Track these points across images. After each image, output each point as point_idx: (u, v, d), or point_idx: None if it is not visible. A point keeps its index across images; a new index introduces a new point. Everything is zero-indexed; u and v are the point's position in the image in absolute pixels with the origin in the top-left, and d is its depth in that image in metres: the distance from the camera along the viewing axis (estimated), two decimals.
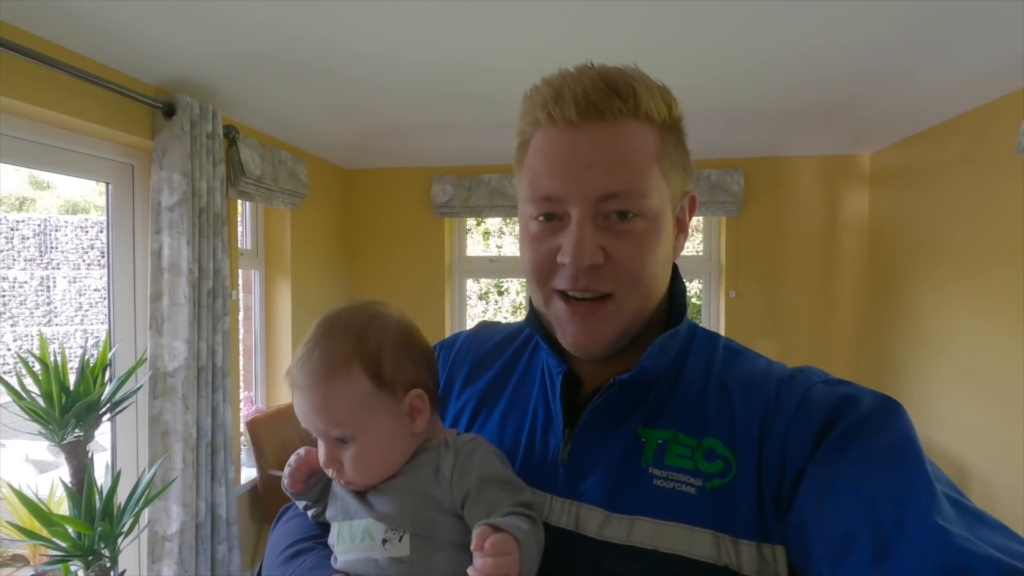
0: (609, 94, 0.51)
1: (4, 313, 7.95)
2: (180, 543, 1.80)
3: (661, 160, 0.53)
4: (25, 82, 1.46)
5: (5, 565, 2.40)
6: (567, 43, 1.77)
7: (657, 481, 0.52)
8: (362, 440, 0.58)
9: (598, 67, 0.53)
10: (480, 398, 0.68)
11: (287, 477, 0.65)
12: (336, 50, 1.78)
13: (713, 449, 0.52)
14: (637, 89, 0.51)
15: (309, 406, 0.58)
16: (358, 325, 0.60)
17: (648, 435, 0.55)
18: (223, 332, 1.97)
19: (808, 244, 2.97)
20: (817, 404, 0.50)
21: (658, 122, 0.53)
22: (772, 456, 0.50)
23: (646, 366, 0.55)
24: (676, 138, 0.55)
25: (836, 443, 0.47)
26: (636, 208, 0.51)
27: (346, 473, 0.59)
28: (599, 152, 0.51)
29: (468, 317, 3.47)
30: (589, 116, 0.51)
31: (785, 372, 0.56)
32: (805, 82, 2.07)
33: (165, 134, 1.81)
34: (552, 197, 0.52)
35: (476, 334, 0.75)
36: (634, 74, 0.53)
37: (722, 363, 0.58)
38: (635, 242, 0.52)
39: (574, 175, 0.51)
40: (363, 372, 0.58)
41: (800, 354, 2.98)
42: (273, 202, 2.42)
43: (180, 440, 1.82)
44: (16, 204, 9.74)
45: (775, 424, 0.51)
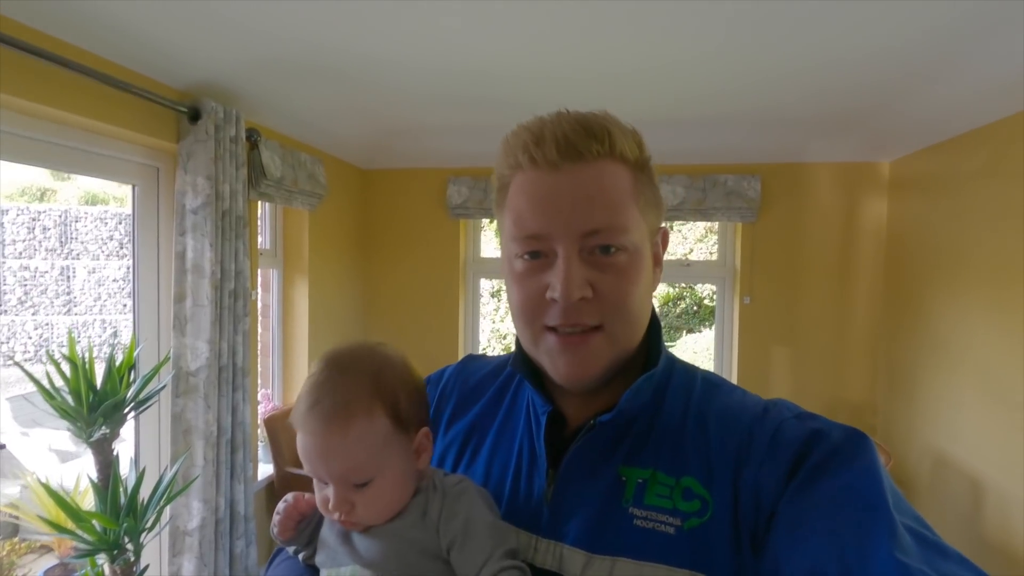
0: (586, 136, 0.53)
1: (26, 302, 8.10)
2: (200, 538, 1.85)
3: (637, 197, 0.56)
4: (54, 87, 1.49)
5: (30, 553, 2.47)
6: (584, 48, 1.78)
7: (637, 521, 0.54)
8: (379, 481, 0.58)
9: (573, 113, 0.56)
10: (466, 435, 0.68)
11: (276, 525, 0.65)
12: (356, 53, 1.80)
13: (691, 488, 0.54)
14: (612, 131, 0.54)
15: (326, 449, 0.57)
16: (372, 367, 0.60)
17: (629, 474, 0.56)
18: (243, 332, 2.00)
19: (825, 251, 2.96)
20: (787, 440, 0.52)
21: (631, 161, 0.56)
22: (747, 496, 0.51)
23: (624, 408, 0.56)
24: (647, 177, 0.58)
25: (805, 480, 0.49)
26: (618, 242, 0.54)
27: (358, 514, 0.58)
28: (581, 190, 0.53)
29: (482, 316, 3.49)
30: (569, 157, 0.53)
31: (759, 407, 0.57)
32: (826, 89, 2.06)
33: (190, 138, 1.84)
34: (538, 235, 0.54)
35: (462, 369, 0.76)
36: (607, 118, 0.56)
37: (700, 396, 0.60)
38: (619, 275, 0.54)
39: (557, 213, 0.53)
40: (384, 414, 0.58)
41: (815, 362, 2.97)
42: (292, 203, 2.46)
43: (201, 438, 1.86)
44: (37, 195, 9.90)
45: (749, 463, 0.52)
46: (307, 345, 2.76)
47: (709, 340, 6.51)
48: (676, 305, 7.00)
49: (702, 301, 7.06)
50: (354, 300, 3.24)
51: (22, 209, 8.08)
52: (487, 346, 6.60)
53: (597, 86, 2.08)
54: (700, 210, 2.92)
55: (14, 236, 7.92)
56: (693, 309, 7.13)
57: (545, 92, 2.15)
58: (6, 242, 7.87)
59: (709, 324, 6.99)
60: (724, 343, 3.17)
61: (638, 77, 2.00)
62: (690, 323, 7.08)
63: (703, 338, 6.73)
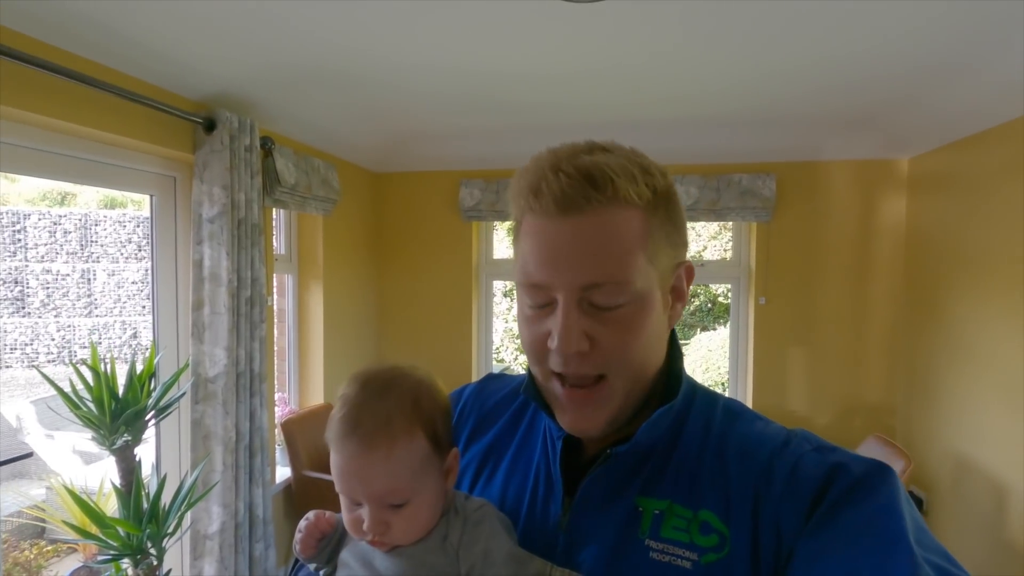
0: (586, 187, 0.51)
1: (49, 304, 8.27)
2: (220, 542, 1.88)
3: (645, 243, 0.53)
4: (74, 103, 1.52)
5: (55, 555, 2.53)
6: (595, 51, 1.77)
7: (653, 554, 0.53)
8: (415, 502, 0.58)
9: (579, 158, 0.53)
10: (484, 456, 0.69)
11: (298, 543, 0.65)
12: (366, 60, 1.81)
13: (708, 522, 0.53)
14: (615, 181, 0.51)
15: (365, 469, 0.57)
16: (409, 389, 0.61)
17: (646, 504, 0.56)
18: (260, 339, 2.03)
19: (842, 251, 2.92)
20: (807, 474, 0.51)
21: (640, 205, 0.53)
22: (767, 533, 0.51)
23: (640, 440, 0.56)
24: (664, 214, 0.55)
25: (825, 515, 0.49)
26: (619, 298, 0.52)
27: (392, 535, 0.58)
28: (580, 243, 0.52)
29: (495, 316, 3.50)
30: (567, 211, 0.51)
31: (778, 439, 0.56)
32: (843, 87, 2.03)
33: (206, 148, 1.87)
34: (539, 285, 0.54)
35: (481, 389, 0.76)
36: (614, 162, 0.52)
37: (720, 426, 0.58)
38: (621, 327, 0.53)
39: (556, 265, 0.52)
40: (424, 436, 0.59)
41: (832, 363, 2.93)
42: (306, 208, 2.48)
43: (220, 443, 1.89)
44: (58, 199, 10.09)
45: (768, 498, 0.52)
46: (322, 348, 2.79)
47: (723, 338, 6.45)
48: (690, 303, 6.95)
49: (716, 299, 7.01)
50: (368, 303, 3.27)
51: (44, 213, 8.24)
52: (500, 345, 6.61)
53: (609, 88, 2.07)
54: (714, 210, 2.89)
55: (36, 240, 8.08)
56: (707, 307, 7.08)
57: (556, 94, 2.14)
58: (29, 246, 8.04)
59: (724, 322, 6.93)
60: (739, 343, 3.14)
61: (651, 78, 1.99)
62: (704, 321, 7.03)
63: (718, 336, 6.68)
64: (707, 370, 6.02)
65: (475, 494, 0.66)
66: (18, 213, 8.07)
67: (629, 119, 2.40)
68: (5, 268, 7.81)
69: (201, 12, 1.46)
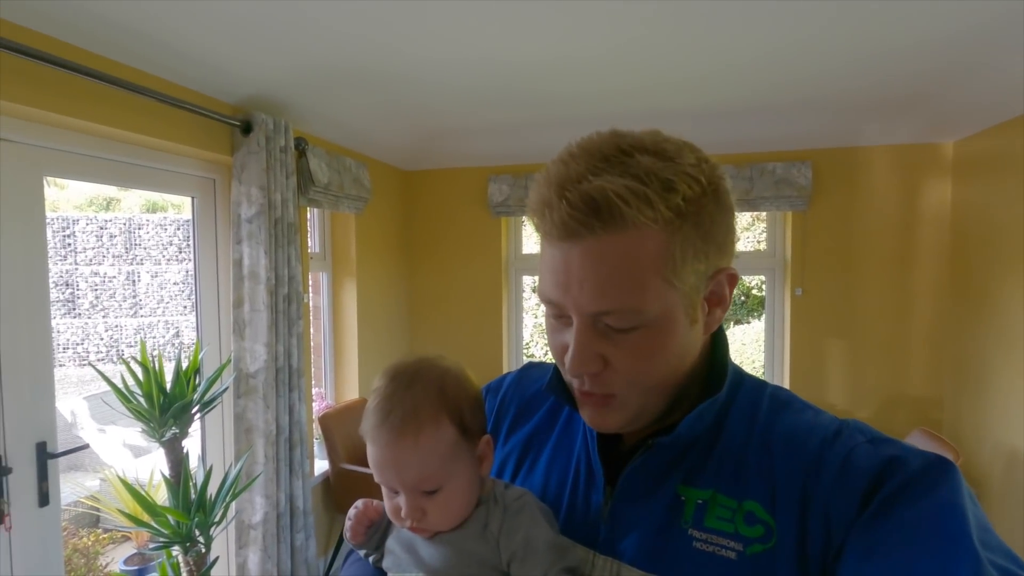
0: (589, 217, 0.47)
1: (97, 305, 8.63)
2: (264, 532, 1.94)
3: (662, 265, 0.49)
4: (121, 110, 1.58)
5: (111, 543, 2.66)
6: (624, 45, 1.75)
7: (697, 544, 0.52)
8: (448, 488, 0.60)
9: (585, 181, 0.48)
10: (525, 445, 0.69)
11: (348, 531, 0.68)
12: (396, 55, 1.83)
13: (753, 512, 0.51)
14: (623, 209, 0.47)
15: (397, 459, 0.59)
16: (435, 378, 0.62)
17: (688, 493, 0.55)
18: (297, 335, 2.08)
19: (883, 239, 2.82)
20: (861, 468, 0.49)
21: (657, 227, 0.48)
22: (816, 525, 0.49)
23: (684, 432, 0.55)
24: (693, 227, 0.50)
25: (879, 509, 0.46)
26: (632, 323, 0.50)
27: (429, 521, 0.60)
28: (586, 271, 0.49)
29: (524, 311, 3.51)
30: (570, 238, 0.49)
31: (830, 429, 0.53)
32: (883, 70, 1.96)
33: (243, 150, 1.92)
34: (554, 303, 0.53)
35: (521, 377, 0.76)
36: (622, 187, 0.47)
37: (766, 416, 0.56)
38: (634, 351, 0.51)
39: (567, 290, 0.51)
40: (451, 423, 0.60)
41: (873, 355, 2.84)
42: (339, 207, 2.53)
43: (262, 436, 1.95)
44: (104, 204, 10.51)
45: (817, 490, 0.50)
46: (356, 344, 2.84)
47: (757, 331, 6.32)
48: None
49: (750, 291, 6.86)
50: (400, 299, 3.32)
51: (91, 218, 8.61)
52: (530, 340, 6.62)
53: (637, 76, 2.05)
54: (747, 200, 2.83)
55: (85, 244, 8.45)
56: (741, 299, 6.94)
57: (583, 84, 2.13)
58: (78, 250, 8.41)
59: (758, 315, 6.79)
60: (775, 336, 3.08)
61: (681, 64, 1.96)
62: (737, 314, 6.89)
63: (752, 329, 6.54)
64: (741, 364, 5.90)
65: (517, 483, 0.67)
66: (67, 219, 8.46)
67: (657, 108, 2.36)
68: (57, 271, 8.20)
69: (237, 18, 1.51)
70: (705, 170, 0.50)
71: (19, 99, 1.33)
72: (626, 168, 0.48)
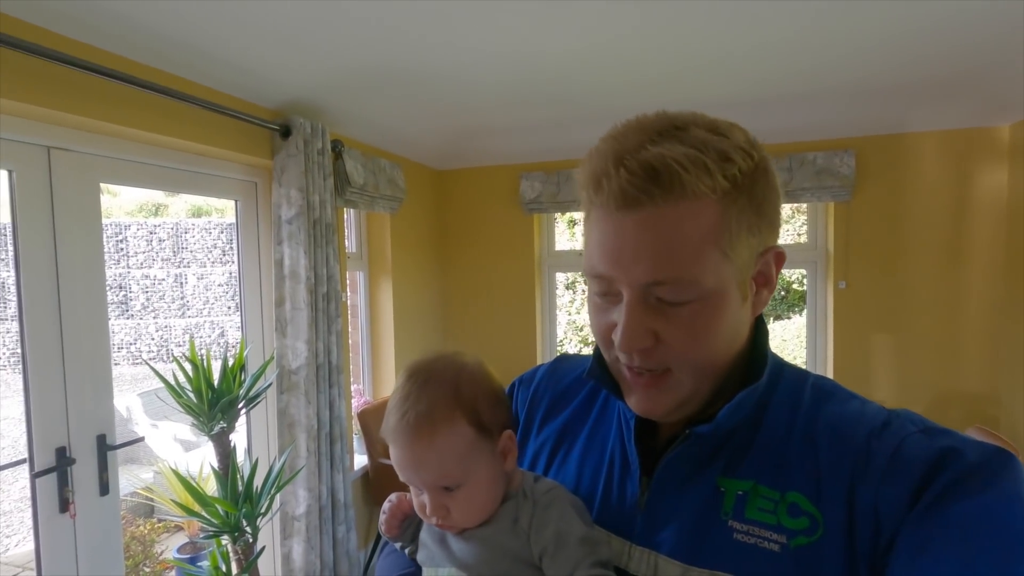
0: (648, 184, 0.47)
1: (148, 307, 9.03)
2: (307, 523, 2.00)
3: (719, 237, 0.49)
4: (167, 117, 1.66)
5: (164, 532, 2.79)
6: (657, 37, 1.73)
7: (738, 535, 0.51)
8: (469, 485, 0.60)
9: (643, 151, 0.48)
10: (559, 436, 0.68)
11: (383, 524, 0.69)
12: (428, 56, 1.85)
13: (797, 504, 0.50)
14: (683, 176, 0.47)
15: (415, 459, 0.60)
16: (450, 376, 0.62)
17: (728, 485, 0.53)
18: (336, 332, 2.14)
19: (932, 229, 2.70)
20: (913, 459, 0.47)
21: (715, 196, 0.48)
22: (864, 518, 0.47)
23: (723, 422, 0.53)
24: (746, 200, 0.50)
25: (934, 503, 0.44)
26: (687, 294, 0.49)
27: (453, 518, 0.61)
28: (643, 240, 0.48)
29: (557, 308, 3.50)
30: (629, 207, 0.48)
31: (878, 419, 0.51)
32: (931, 52, 1.87)
33: (283, 153, 1.98)
34: (604, 277, 0.52)
35: (554, 369, 0.75)
36: (682, 154, 0.47)
37: (809, 406, 0.55)
38: (687, 326, 0.50)
39: (619, 261, 0.50)
40: (466, 422, 0.60)
41: (923, 350, 2.73)
42: (374, 207, 2.58)
43: (304, 431, 2.01)
44: (153, 210, 10.98)
45: (866, 481, 0.48)
46: (393, 342, 2.90)
47: (798, 327, 6.14)
48: None
49: (790, 286, 6.67)
50: (435, 297, 3.36)
51: (141, 224, 9.01)
52: (563, 338, 6.60)
53: (671, 70, 2.02)
54: (787, 192, 2.75)
55: (136, 248, 8.86)
56: (780, 295, 6.75)
57: (615, 80, 2.11)
58: (130, 254, 8.82)
59: (799, 310, 6.59)
60: (817, 331, 2.98)
61: (716, 62, 1.92)
62: (777, 309, 6.71)
63: (792, 325, 6.36)
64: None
65: (550, 475, 0.67)
66: (120, 224, 8.88)
67: (692, 98, 2.32)
68: (111, 275, 8.62)
69: (275, 25, 1.55)
70: (756, 147, 0.52)
71: (76, 111, 1.41)
72: (682, 140, 0.49)
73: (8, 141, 1.38)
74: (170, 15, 1.42)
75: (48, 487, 1.46)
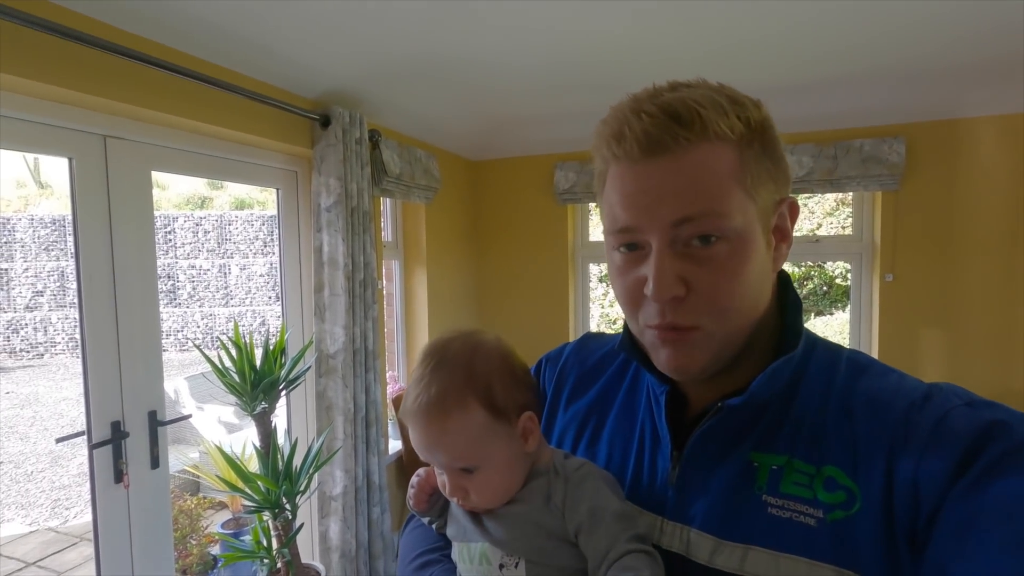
0: (671, 125, 0.48)
1: (194, 296, 9.39)
2: (343, 503, 2.06)
3: (742, 177, 0.50)
4: (214, 107, 1.71)
5: (209, 508, 2.91)
6: (691, 22, 1.69)
7: (772, 509, 0.50)
8: (485, 468, 0.60)
9: (661, 96, 0.51)
10: (586, 413, 0.68)
11: (411, 498, 0.69)
12: (463, 51, 1.86)
13: (834, 478, 0.49)
14: (703, 114, 0.49)
15: (430, 442, 0.60)
16: (464, 359, 0.62)
17: (761, 460, 0.53)
18: (372, 319, 2.18)
19: (988, 218, 2.57)
20: (958, 430, 0.45)
21: (733, 139, 0.50)
22: (903, 490, 0.46)
23: (756, 393, 0.52)
24: (760, 147, 0.51)
25: (981, 475, 0.42)
26: (716, 230, 0.49)
27: (472, 500, 0.61)
28: (669, 183, 0.49)
29: (591, 300, 3.49)
30: (653, 152, 0.49)
31: (918, 391, 0.50)
32: (988, 31, 1.78)
33: (322, 143, 2.03)
34: (630, 228, 0.51)
35: (581, 347, 0.75)
36: (700, 96, 0.50)
37: (844, 380, 0.54)
38: (719, 269, 0.50)
39: (646, 205, 0.50)
40: (479, 405, 0.60)
41: (975, 346, 2.61)
42: (410, 197, 2.61)
43: (341, 414, 2.06)
44: (199, 203, 11.38)
45: (905, 452, 0.46)
46: (427, 331, 2.94)
47: (841, 322, 5.94)
48: (803, 286, 6.46)
49: (833, 280, 6.46)
50: (468, 287, 3.39)
51: (188, 216, 9.37)
52: (597, 329, 6.56)
53: (711, 56, 1.98)
54: (830, 180, 2.66)
55: (183, 240, 9.22)
56: (823, 290, 6.54)
57: (652, 70, 2.08)
58: (177, 245, 9.18)
59: (841, 305, 6.37)
60: (862, 326, 2.88)
61: (754, 45, 1.86)
62: (819, 305, 6.51)
63: (835, 320, 6.16)
64: None
65: (579, 452, 0.66)
66: (168, 216, 9.25)
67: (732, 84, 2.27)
68: (161, 265, 8.99)
69: (317, 15, 1.59)
70: (759, 104, 0.54)
71: (130, 100, 1.47)
72: (694, 89, 0.52)
73: (68, 130, 1.45)
74: (220, 7, 1.47)
75: (104, 459, 1.54)
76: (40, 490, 4.40)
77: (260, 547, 1.79)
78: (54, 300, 8.66)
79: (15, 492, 4.38)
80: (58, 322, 8.63)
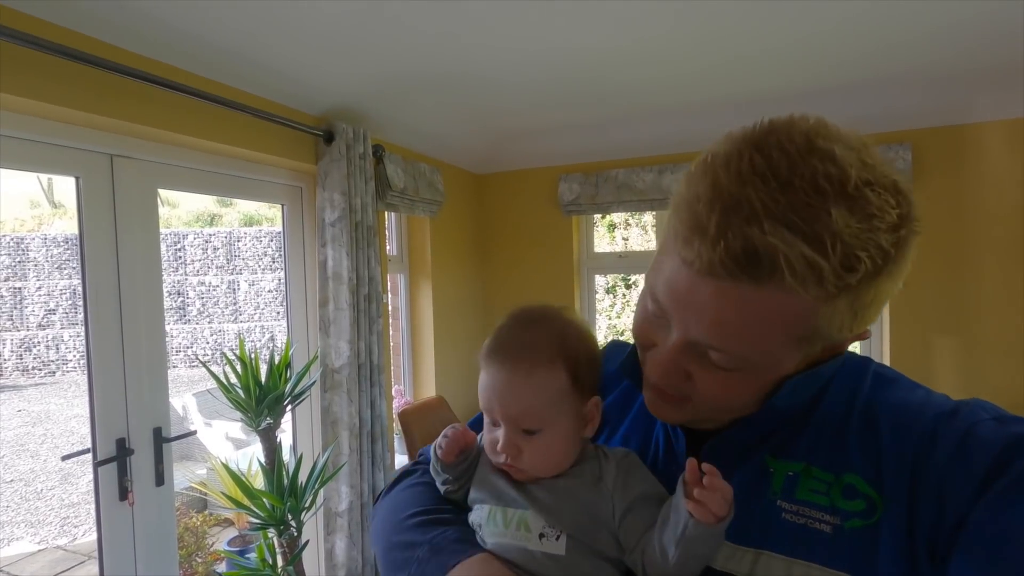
0: (743, 270, 0.42)
1: (204, 312, 9.44)
2: (349, 519, 2.04)
3: (799, 331, 0.45)
4: (220, 125, 1.73)
5: (216, 525, 2.90)
6: (699, 19, 1.69)
7: (786, 515, 0.50)
8: (547, 432, 0.59)
9: (753, 223, 0.41)
10: (604, 417, 0.68)
11: (440, 447, 0.64)
12: (466, 58, 1.88)
13: (854, 486, 0.48)
14: (786, 276, 0.41)
15: (506, 388, 0.59)
16: (559, 325, 0.63)
17: (777, 466, 0.52)
18: (377, 333, 2.18)
19: (998, 225, 2.53)
20: (985, 443, 0.44)
21: (821, 297, 0.42)
22: (927, 500, 0.45)
23: (778, 406, 0.51)
24: (856, 294, 0.43)
25: (1005, 494, 0.41)
26: (734, 365, 0.48)
27: (523, 461, 0.59)
28: (716, 308, 0.45)
29: (597, 312, 3.47)
30: (715, 276, 0.44)
31: (947, 405, 0.49)
32: (997, 34, 1.77)
33: (326, 159, 2.05)
34: (663, 310, 0.50)
35: (605, 353, 0.75)
36: (797, 255, 0.40)
37: (870, 392, 0.53)
38: (725, 385, 0.49)
39: (684, 311, 0.48)
40: (564, 368, 0.59)
41: (990, 355, 2.56)
42: (415, 211, 2.62)
43: (346, 429, 2.05)
44: (208, 220, 11.50)
45: (931, 463, 0.45)
46: (433, 344, 2.93)
47: None
48: None
49: None
50: (474, 300, 3.38)
51: (197, 233, 9.46)
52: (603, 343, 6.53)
53: (711, 64, 1.98)
54: None
55: (192, 256, 9.30)
56: None
57: (658, 79, 2.08)
58: (187, 262, 9.27)
59: None
60: (872, 334, 2.84)
61: (758, 55, 1.87)
62: None
63: None
64: None
65: None
66: (178, 234, 9.35)
67: (735, 95, 2.27)
68: (171, 281, 9.06)
69: (319, 33, 1.61)
70: (902, 234, 0.43)
71: (136, 119, 1.49)
72: (812, 224, 0.40)
73: (75, 149, 1.47)
74: (223, 26, 1.50)
75: (109, 476, 1.54)
76: (49, 508, 4.42)
77: (265, 564, 1.77)
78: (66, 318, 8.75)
79: (24, 510, 4.39)
80: (70, 340, 8.71)
